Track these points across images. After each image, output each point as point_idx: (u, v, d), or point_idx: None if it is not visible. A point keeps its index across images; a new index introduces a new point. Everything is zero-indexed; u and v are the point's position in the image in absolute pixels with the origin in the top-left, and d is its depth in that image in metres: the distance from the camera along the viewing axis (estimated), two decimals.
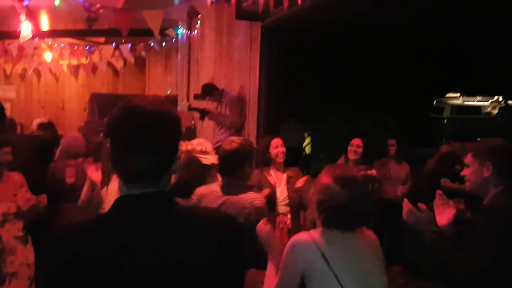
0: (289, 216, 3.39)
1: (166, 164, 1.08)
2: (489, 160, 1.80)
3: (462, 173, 1.91)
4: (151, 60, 9.53)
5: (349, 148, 3.89)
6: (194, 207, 2.23)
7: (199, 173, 2.51)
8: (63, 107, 9.65)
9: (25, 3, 4.10)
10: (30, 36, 6.09)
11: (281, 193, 3.40)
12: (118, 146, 1.03)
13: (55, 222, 3.26)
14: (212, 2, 4.73)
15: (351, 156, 3.86)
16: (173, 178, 1.39)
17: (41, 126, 4.69)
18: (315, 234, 1.58)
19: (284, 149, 3.46)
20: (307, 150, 9.10)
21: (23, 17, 5.89)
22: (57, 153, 3.89)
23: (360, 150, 3.83)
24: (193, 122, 6.55)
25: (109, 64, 8.60)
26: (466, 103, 15.95)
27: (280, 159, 3.44)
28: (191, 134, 6.20)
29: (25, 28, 6.06)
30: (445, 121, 15.05)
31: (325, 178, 1.64)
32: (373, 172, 3.69)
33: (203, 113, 5.01)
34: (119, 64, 8.35)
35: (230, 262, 1.09)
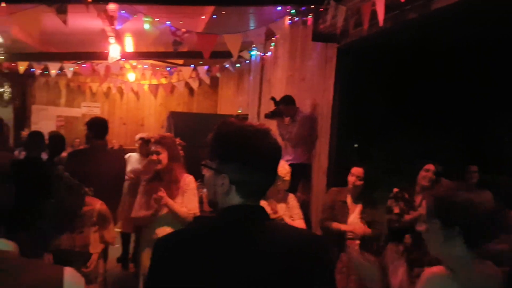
0: (357, 242, 3.44)
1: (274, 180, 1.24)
2: None
3: None
4: (224, 80, 9.92)
5: (422, 173, 3.61)
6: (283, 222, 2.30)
7: None
8: (142, 124, 10.30)
9: (118, 27, 4.48)
10: (118, 57, 6.66)
11: (354, 221, 3.58)
12: (243, 165, 1.15)
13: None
14: (288, 24, 4.88)
15: (424, 182, 3.53)
16: None
17: (141, 139, 5.22)
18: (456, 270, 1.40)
19: (361, 182, 3.63)
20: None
21: (112, 40, 6.46)
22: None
23: (432, 176, 3.58)
24: None
25: (186, 84, 9.09)
26: None
27: (356, 188, 3.64)
28: None
29: (114, 50, 6.63)
30: None
31: (452, 196, 1.45)
32: None
33: (274, 113, 4.96)
34: (195, 85, 8.78)
35: (319, 281, 1.14)
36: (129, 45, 7.64)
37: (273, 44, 6.29)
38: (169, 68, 8.65)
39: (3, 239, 1.03)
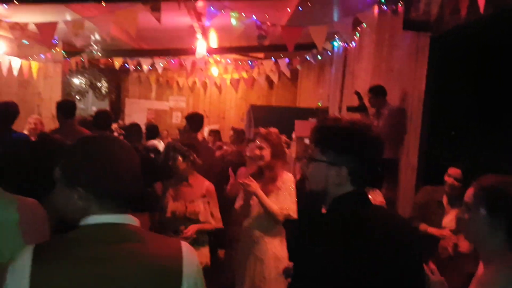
0: (451, 243, 3.21)
1: None
2: None
3: None
4: (304, 72, 9.84)
5: None
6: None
7: None
8: (223, 117, 10.61)
9: (207, 23, 4.63)
10: (205, 53, 6.89)
11: (449, 224, 3.34)
12: (359, 156, 1.30)
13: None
14: (376, 13, 4.68)
15: None
16: None
17: (211, 132, 5.36)
18: None
19: (459, 184, 3.37)
20: None
21: (199, 36, 6.69)
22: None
23: None
24: None
25: (266, 77, 9.16)
26: None
27: (454, 190, 3.39)
28: None
29: (201, 46, 6.88)
30: None
31: None
32: None
33: (359, 108, 4.85)
34: (275, 78, 8.82)
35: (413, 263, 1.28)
36: (214, 41, 7.88)
37: (357, 34, 6.09)
38: (250, 62, 8.77)
39: (129, 215, 1.18)
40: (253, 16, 4.27)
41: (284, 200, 2.87)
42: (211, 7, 4.08)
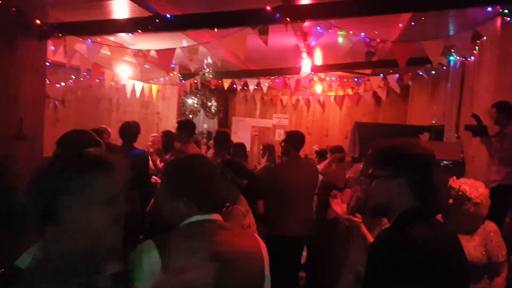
0: None
1: None
2: None
3: None
4: (415, 88, 9.30)
5: None
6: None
7: None
8: (326, 134, 10.47)
9: (312, 43, 4.63)
10: (310, 72, 6.90)
11: None
12: (416, 168, 1.49)
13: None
14: (499, 25, 4.25)
15: None
16: None
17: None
18: None
19: None
20: None
21: (304, 55, 6.73)
22: None
23: None
24: (461, 155, 5.98)
25: (373, 94, 8.85)
26: None
27: None
28: (459, 168, 5.66)
29: (306, 65, 6.91)
30: None
31: None
32: None
33: (478, 131, 4.42)
34: (383, 94, 8.47)
35: None
36: (319, 59, 7.86)
37: (477, 48, 5.59)
38: (356, 79, 8.56)
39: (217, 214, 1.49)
40: (362, 33, 4.16)
41: None
42: (317, 27, 4.07)
